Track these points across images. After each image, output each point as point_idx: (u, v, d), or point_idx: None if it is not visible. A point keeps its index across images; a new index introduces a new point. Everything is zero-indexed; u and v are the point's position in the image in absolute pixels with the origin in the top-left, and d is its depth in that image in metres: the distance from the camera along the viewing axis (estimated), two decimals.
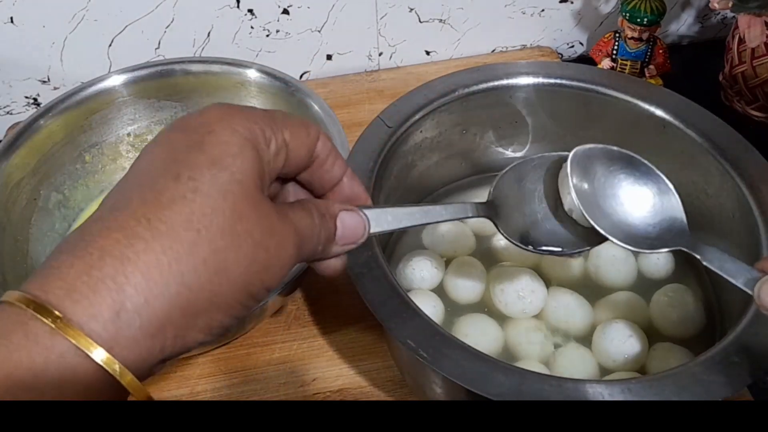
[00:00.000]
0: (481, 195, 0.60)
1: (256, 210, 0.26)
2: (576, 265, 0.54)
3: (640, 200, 0.40)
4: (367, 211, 0.32)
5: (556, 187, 0.42)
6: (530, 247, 0.40)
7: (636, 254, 0.54)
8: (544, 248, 0.41)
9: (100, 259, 0.23)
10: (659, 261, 0.53)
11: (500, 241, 0.56)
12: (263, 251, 0.26)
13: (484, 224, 0.56)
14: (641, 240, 0.39)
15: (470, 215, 0.38)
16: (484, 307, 0.52)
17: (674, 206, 0.40)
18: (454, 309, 0.52)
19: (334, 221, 0.31)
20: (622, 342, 0.47)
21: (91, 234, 0.24)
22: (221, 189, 0.25)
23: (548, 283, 0.52)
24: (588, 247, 0.41)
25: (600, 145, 0.41)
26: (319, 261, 0.32)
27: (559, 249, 0.41)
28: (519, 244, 0.40)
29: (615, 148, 0.41)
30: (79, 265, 0.23)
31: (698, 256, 0.37)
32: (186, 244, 0.24)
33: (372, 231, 0.33)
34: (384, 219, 0.33)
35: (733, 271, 0.36)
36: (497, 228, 0.40)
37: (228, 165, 0.26)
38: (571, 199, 0.40)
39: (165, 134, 0.27)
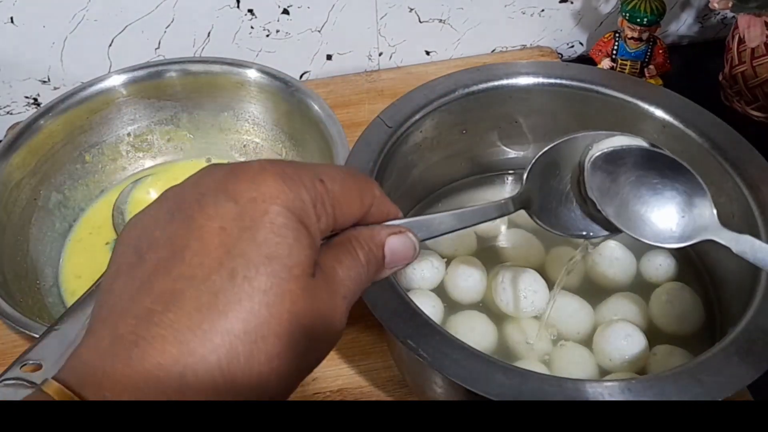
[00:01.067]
0: (482, 195, 0.60)
1: (312, 304, 0.25)
2: (577, 266, 0.54)
3: (666, 194, 0.39)
4: (412, 231, 0.31)
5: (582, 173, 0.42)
6: (562, 233, 0.40)
7: (638, 255, 0.54)
8: (575, 233, 0.40)
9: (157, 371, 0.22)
10: (660, 262, 0.53)
11: (501, 241, 0.56)
12: (315, 343, 0.25)
13: (486, 225, 0.56)
14: (667, 234, 0.38)
15: (505, 213, 0.38)
16: (485, 306, 0.52)
17: (702, 198, 0.39)
18: (455, 309, 0.52)
19: (382, 250, 0.29)
20: (622, 343, 0.47)
21: (144, 339, 0.22)
22: (279, 290, 0.23)
23: (550, 283, 0.52)
24: (614, 233, 0.40)
25: (624, 139, 0.41)
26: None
27: (590, 234, 0.40)
28: (554, 231, 0.40)
29: (637, 144, 0.40)
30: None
31: (730, 246, 0.36)
32: (243, 357, 0.23)
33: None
34: (424, 229, 0.32)
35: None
36: (533, 218, 0.40)
37: (284, 259, 0.24)
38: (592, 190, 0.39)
39: (211, 195, 0.24)
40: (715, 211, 0.38)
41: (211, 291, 0.23)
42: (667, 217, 0.39)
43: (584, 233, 0.40)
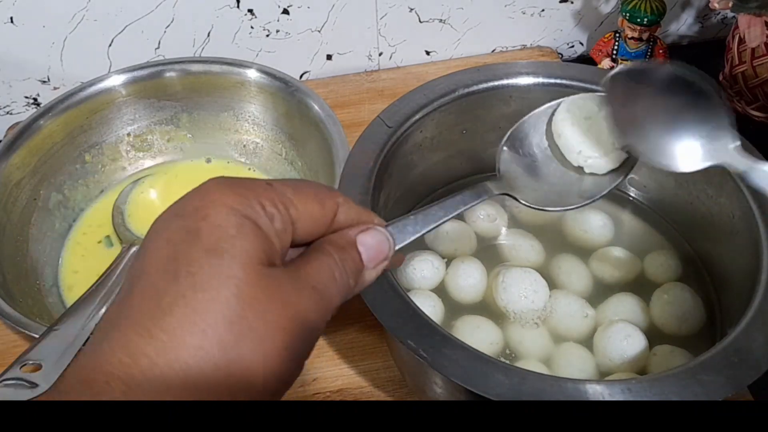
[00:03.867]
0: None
1: (266, 289, 0.25)
2: (579, 266, 0.54)
3: (684, 118, 0.38)
4: (388, 228, 0.32)
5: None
6: (553, 209, 0.40)
7: (640, 256, 0.54)
8: (565, 207, 0.41)
9: (106, 384, 0.23)
10: (662, 263, 0.53)
11: (501, 241, 0.56)
12: (281, 331, 0.25)
13: (487, 225, 0.56)
14: (683, 158, 0.37)
15: (486, 197, 0.38)
16: (485, 307, 0.52)
17: (721, 123, 0.37)
18: (455, 309, 0.52)
19: (355, 248, 0.30)
20: (622, 343, 0.47)
21: (96, 355, 0.24)
22: (222, 278, 0.24)
23: (550, 283, 0.52)
24: (606, 189, 0.41)
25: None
26: (360, 290, 0.31)
27: (581, 202, 0.41)
28: (542, 208, 0.40)
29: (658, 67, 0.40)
30: (88, 393, 0.23)
31: (743, 172, 0.35)
32: (192, 349, 0.23)
33: (401, 244, 0.32)
34: (405, 229, 0.33)
35: None
36: (517, 200, 0.40)
37: (226, 249, 0.25)
38: (567, 143, 0.40)
39: (163, 221, 0.26)
40: (736, 139, 0.36)
41: (155, 296, 0.24)
42: (685, 140, 0.37)
43: (575, 201, 0.41)
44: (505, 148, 0.42)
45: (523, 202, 0.40)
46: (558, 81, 0.55)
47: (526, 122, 0.44)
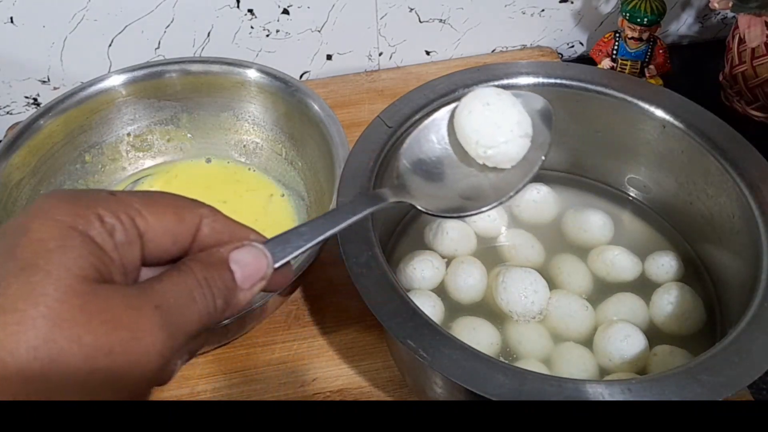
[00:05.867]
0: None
1: (85, 308, 0.22)
2: (579, 266, 0.54)
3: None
4: (265, 244, 0.29)
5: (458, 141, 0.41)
6: (457, 215, 0.39)
7: (641, 256, 0.54)
8: (472, 212, 0.39)
9: None
10: (663, 263, 0.53)
11: (501, 241, 0.56)
12: (104, 356, 0.22)
13: (487, 225, 0.56)
14: None
15: (379, 205, 0.35)
16: (485, 307, 0.52)
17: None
18: (455, 309, 0.52)
19: (227, 265, 0.27)
20: (622, 343, 0.47)
21: None
22: (32, 297, 0.22)
23: (550, 283, 0.52)
24: (515, 189, 0.40)
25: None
26: (234, 314, 0.27)
27: (488, 206, 0.39)
28: (441, 215, 0.39)
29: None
30: None
31: None
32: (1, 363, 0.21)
33: (282, 261, 0.29)
34: (288, 244, 0.29)
35: None
36: (415, 207, 0.38)
37: (41, 266, 0.22)
38: (464, 134, 0.39)
39: None
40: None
41: None
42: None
43: (481, 205, 0.39)
44: (404, 154, 0.40)
45: (421, 209, 0.38)
46: (558, 81, 0.55)
47: (427, 126, 0.42)
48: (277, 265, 0.29)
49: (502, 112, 0.41)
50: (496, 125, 0.40)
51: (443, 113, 0.43)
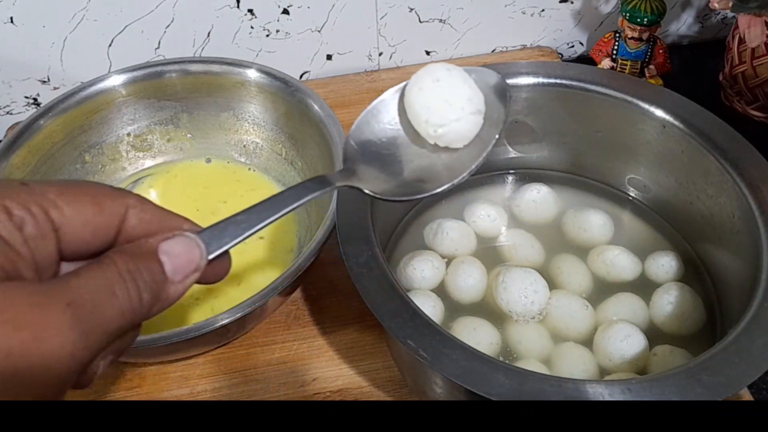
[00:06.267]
0: (483, 194, 0.60)
1: None
2: (579, 266, 0.54)
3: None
4: (199, 234, 0.27)
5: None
6: (408, 197, 0.37)
7: (641, 256, 0.54)
8: (424, 194, 0.37)
9: None
10: (663, 263, 0.53)
11: (501, 241, 0.56)
12: (5, 358, 0.20)
13: (487, 225, 0.56)
14: None
15: (322, 190, 0.33)
16: (485, 306, 0.52)
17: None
18: (455, 309, 0.52)
19: (156, 257, 0.25)
20: (622, 343, 0.47)
21: None
22: None
23: (551, 283, 0.52)
24: (468, 170, 0.38)
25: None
26: (164, 309, 0.26)
27: (440, 187, 0.37)
28: (389, 198, 0.37)
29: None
30: None
31: None
32: None
33: (217, 251, 0.27)
34: (225, 233, 0.28)
35: None
36: (362, 191, 0.36)
37: None
38: (414, 111, 0.38)
39: None
40: None
41: None
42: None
43: (433, 187, 0.37)
44: (352, 135, 0.39)
45: (369, 193, 0.36)
46: (558, 81, 0.55)
47: (376, 106, 0.40)
48: (211, 256, 0.27)
49: (453, 88, 0.39)
50: (446, 102, 0.38)
51: (393, 92, 0.41)
